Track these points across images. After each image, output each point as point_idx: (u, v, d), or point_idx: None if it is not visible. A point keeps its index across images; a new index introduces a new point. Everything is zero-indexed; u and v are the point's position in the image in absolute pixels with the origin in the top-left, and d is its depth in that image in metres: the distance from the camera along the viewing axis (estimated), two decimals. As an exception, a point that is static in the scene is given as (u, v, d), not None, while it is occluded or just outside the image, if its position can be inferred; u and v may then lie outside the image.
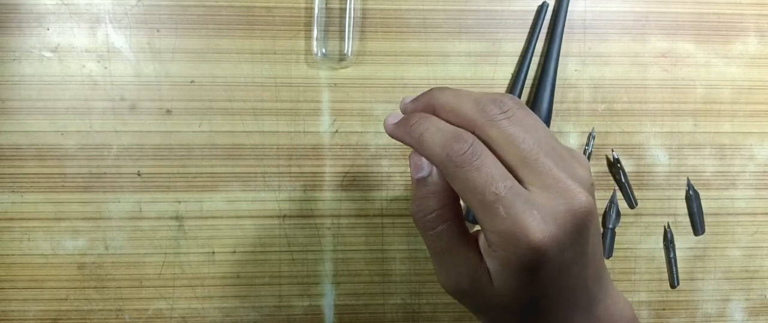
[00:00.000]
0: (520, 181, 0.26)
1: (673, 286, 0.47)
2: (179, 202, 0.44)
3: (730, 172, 0.47)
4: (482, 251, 0.28)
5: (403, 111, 0.31)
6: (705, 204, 0.47)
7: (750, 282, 0.48)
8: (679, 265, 0.47)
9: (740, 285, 0.48)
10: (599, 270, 0.29)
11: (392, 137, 0.30)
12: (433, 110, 0.29)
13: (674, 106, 0.47)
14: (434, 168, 0.29)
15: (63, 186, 0.44)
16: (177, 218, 0.44)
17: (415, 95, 0.30)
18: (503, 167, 0.26)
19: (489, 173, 0.26)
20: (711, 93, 0.47)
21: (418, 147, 0.28)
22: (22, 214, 0.44)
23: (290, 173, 0.45)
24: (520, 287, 0.27)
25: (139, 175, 0.44)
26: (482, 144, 0.27)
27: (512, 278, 0.27)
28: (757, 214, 0.47)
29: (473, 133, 0.27)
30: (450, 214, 0.29)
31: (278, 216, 0.45)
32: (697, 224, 0.47)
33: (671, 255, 0.47)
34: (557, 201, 0.26)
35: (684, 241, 0.47)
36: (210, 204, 0.44)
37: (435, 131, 0.28)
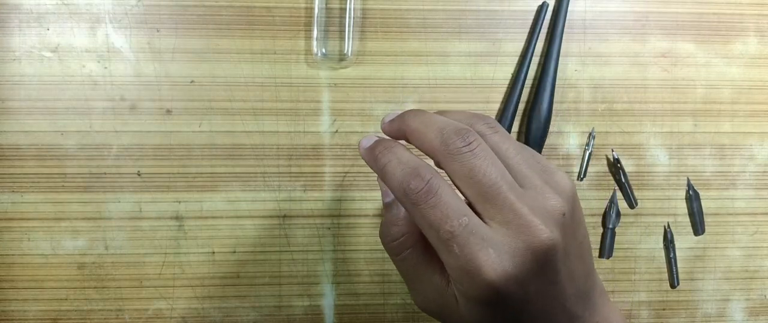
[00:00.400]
0: (480, 216, 0.26)
1: (673, 286, 0.47)
2: (179, 202, 0.44)
3: (730, 172, 0.47)
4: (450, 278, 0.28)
5: (382, 130, 0.31)
6: (705, 204, 0.47)
7: (750, 282, 0.48)
8: (679, 265, 0.47)
9: (740, 285, 0.48)
10: (583, 289, 0.28)
11: (364, 160, 0.30)
12: (404, 135, 0.29)
13: (674, 106, 0.47)
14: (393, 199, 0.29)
15: (63, 186, 0.44)
16: (177, 218, 0.44)
17: (396, 112, 0.30)
18: (462, 203, 0.26)
19: (444, 211, 0.25)
20: (711, 93, 0.47)
21: (381, 177, 0.28)
22: (22, 214, 0.44)
23: (290, 173, 0.45)
24: (485, 317, 0.27)
25: (139, 175, 0.44)
26: (441, 180, 0.26)
27: (474, 310, 0.27)
28: (757, 214, 0.47)
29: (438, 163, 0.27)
30: (413, 240, 0.29)
31: (278, 216, 0.45)
32: (697, 224, 0.47)
33: (671, 255, 0.47)
34: (516, 238, 0.25)
35: (684, 241, 0.47)
36: (210, 204, 0.44)
37: (396, 164, 0.27)
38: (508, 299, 0.25)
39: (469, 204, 0.26)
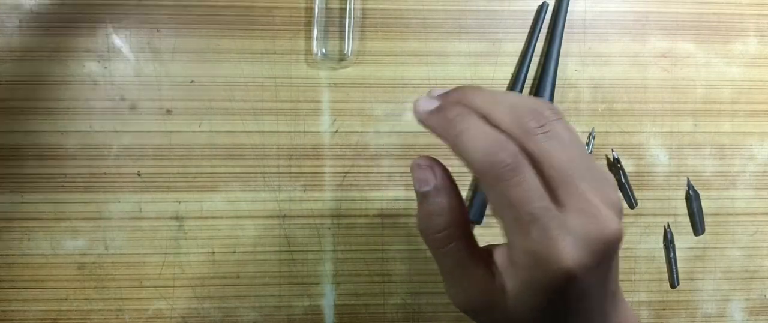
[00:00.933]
0: (553, 200, 0.25)
1: (673, 286, 0.47)
2: (179, 202, 0.44)
3: (730, 172, 0.47)
4: (500, 268, 0.27)
5: (417, 114, 0.29)
6: (705, 204, 0.47)
7: (750, 282, 0.48)
8: (679, 265, 0.47)
9: (740, 285, 0.48)
10: (615, 289, 0.28)
11: (422, 124, 0.28)
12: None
13: (674, 106, 0.47)
14: (440, 183, 0.27)
15: (63, 186, 0.44)
16: (177, 218, 0.44)
17: (439, 89, 0.28)
18: (541, 186, 0.25)
19: (528, 190, 0.24)
20: (711, 93, 0.47)
21: (453, 145, 0.26)
22: (22, 214, 0.44)
23: (290, 173, 0.45)
24: (537, 308, 0.26)
25: (139, 175, 0.44)
26: (524, 158, 0.25)
27: (532, 299, 0.26)
28: (757, 214, 0.47)
29: None
30: (459, 232, 0.28)
31: (278, 216, 0.45)
32: (697, 224, 0.47)
33: (671, 255, 0.47)
34: (590, 226, 0.25)
35: (684, 241, 0.47)
36: (210, 204, 0.44)
37: (478, 133, 0.26)
38: (573, 289, 0.25)
39: None
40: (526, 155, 0.25)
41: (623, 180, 0.46)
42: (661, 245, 0.47)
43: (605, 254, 0.25)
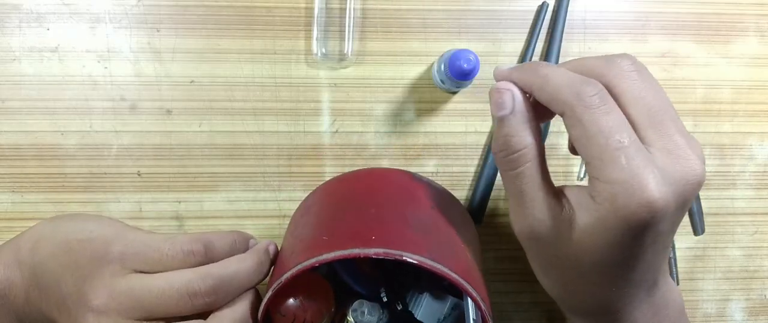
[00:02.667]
0: (641, 139, 0.26)
1: (673, 286, 0.47)
2: (179, 202, 0.44)
3: (730, 172, 0.47)
4: (573, 203, 0.27)
5: (499, 78, 0.29)
6: (705, 204, 0.47)
7: (750, 282, 0.48)
8: (679, 265, 0.47)
9: (740, 285, 0.48)
10: (668, 252, 0.28)
11: (502, 79, 0.28)
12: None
13: (674, 106, 0.47)
14: (517, 106, 0.28)
15: (63, 186, 0.44)
16: (177, 218, 0.44)
17: (507, 65, 0.30)
18: (627, 121, 0.26)
19: (617, 119, 0.25)
20: (711, 93, 0.47)
21: (541, 86, 0.27)
22: (22, 214, 0.44)
23: (290, 173, 0.45)
24: (606, 244, 0.26)
25: (139, 175, 0.44)
26: (609, 94, 0.26)
27: (603, 235, 0.26)
28: (757, 214, 0.47)
29: None
30: (533, 154, 0.28)
31: (278, 216, 0.45)
32: (697, 224, 0.47)
33: (671, 254, 0.47)
34: (676, 167, 0.25)
35: (684, 241, 0.47)
36: (210, 204, 0.44)
37: (562, 73, 0.27)
38: (649, 228, 0.25)
39: None
40: (618, 94, 0.26)
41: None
42: (661, 245, 0.47)
43: (687, 197, 0.25)
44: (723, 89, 0.47)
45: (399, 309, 0.35)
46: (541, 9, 0.45)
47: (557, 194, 0.28)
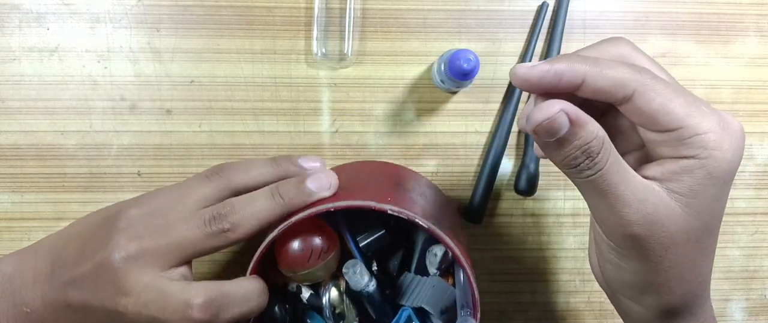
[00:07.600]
0: None
1: (673, 286, 0.47)
2: (179, 202, 0.44)
3: (730, 172, 0.47)
4: (669, 173, 0.26)
5: (526, 76, 0.26)
6: (705, 204, 0.47)
7: (750, 282, 0.48)
8: (679, 265, 0.47)
9: (740, 285, 0.48)
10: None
11: (536, 75, 0.26)
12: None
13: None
14: (572, 112, 0.25)
15: (63, 186, 0.44)
16: (177, 218, 0.44)
17: (528, 65, 0.27)
18: None
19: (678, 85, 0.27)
20: (711, 93, 0.47)
21: (598, 72, 0.25)
22: (22, 214, 0.44)
23: (290, 173, 0.45)
24: (713, 202, 0.27)
25: (139, 175, 0.44)
26: None
27: (712, 191, 0.26)
28: (757, 214, 0.47)
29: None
30: (610, 143, 0.26)
31: (278, 216, 0.45)
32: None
33: (671, 254, 0.47)
34: (733, 120, 0.27)
35: (684, 241, 0.47)
36: (210, 204, 0.44)
37: (608, 62, 0.26)
38: (733, 173, 0.27)
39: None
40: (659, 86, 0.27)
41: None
42: (661, 245, 0.47)
43: (742, 147, 0.27)
44: (723, 88, 0.47)
45: (386, 292, 0.37)
46: (541, 9, 0.45)
47: (644, 176, 0.27)
